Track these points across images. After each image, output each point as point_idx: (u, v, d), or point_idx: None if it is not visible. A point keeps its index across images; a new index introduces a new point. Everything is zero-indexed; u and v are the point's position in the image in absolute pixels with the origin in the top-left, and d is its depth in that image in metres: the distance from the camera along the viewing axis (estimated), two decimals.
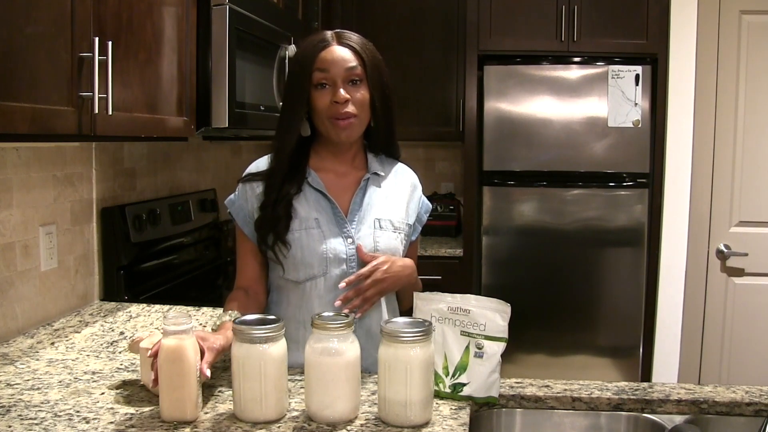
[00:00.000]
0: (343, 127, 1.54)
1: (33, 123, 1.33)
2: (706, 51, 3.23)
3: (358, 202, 1.60)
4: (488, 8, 3.32)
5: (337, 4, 3.66)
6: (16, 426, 1.24)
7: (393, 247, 1.59)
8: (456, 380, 1.39)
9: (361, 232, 1.57)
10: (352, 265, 1.55)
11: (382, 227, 1.59)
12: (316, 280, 1.55)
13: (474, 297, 1.40)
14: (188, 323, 1.25)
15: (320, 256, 1.54)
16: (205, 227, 2.88)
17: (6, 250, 1.82)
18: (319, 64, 1.52)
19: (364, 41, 1.57)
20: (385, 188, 1.65)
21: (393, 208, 1.63)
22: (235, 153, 3.42)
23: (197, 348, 1.27)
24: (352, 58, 1.53)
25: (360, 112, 1.54)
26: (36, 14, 1.35)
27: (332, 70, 1.52)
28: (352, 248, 1.56)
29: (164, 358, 1.24)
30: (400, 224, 1.62)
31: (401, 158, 1.72)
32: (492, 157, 3.35)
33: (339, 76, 1.52)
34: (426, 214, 1.74)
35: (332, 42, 1.54)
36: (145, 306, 2.19)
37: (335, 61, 1.52)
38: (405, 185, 1.69)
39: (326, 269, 1.54)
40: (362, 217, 1.59)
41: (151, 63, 1.83)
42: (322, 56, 1.52)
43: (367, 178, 1.62)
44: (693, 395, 1.47)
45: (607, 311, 3.37)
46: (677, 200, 3.28)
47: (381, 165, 1.66)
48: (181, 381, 1.24)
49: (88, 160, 2.20)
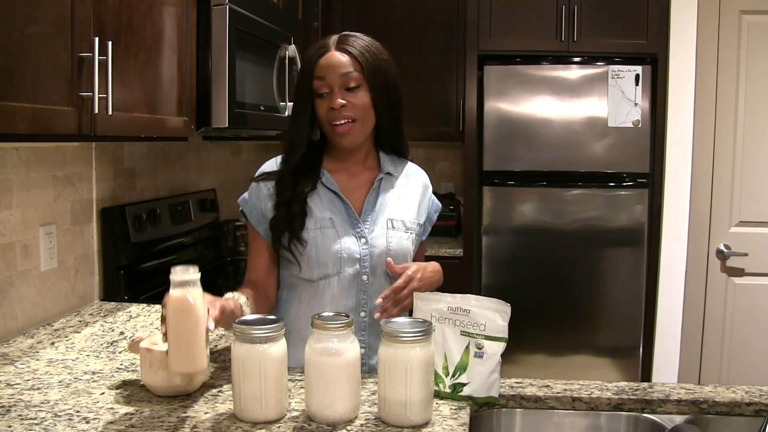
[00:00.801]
0: (340, 133, 1.54)
1: (33, 123, 1.33)
2: (706, 51, 3.23)
3: (371, 202, 1.62)
4: (488, 8, 3.32)
5: (337, 4, 3.66)
6: (16, 426, 1.24)
7: (405, 247, 1.61)
8: (456, 380, 1.39)
9: (374, 233, 1.59)
10: (365, 265, 1.58)
11: (394, 227, 1.61)
12: (329, 279, 1.57)
13: (474, 297, 1.40)
14: (196, 274, 1.25)
15: (334, 255, 1.56)
16: (205, 227, 2.88)
17: (6, 250, 1.81)
18: (317, 73, 1.53)
19: (367, 43, 1.56)
20: (398, 188, 1.66)
21: (405, 208, 1.65)
22: (235, 153, 3.42)
23: (204, 299, 1.27)
24: (348, 64, 1.53)
25: (360, 116, 1.54)
26: (36, 14, 1.35)
27: (328, 77, 1.53)
28: (365, 248, 1.58)
29: (173, 309, 1.23)
30: (411, 224, 1.64)
31: (411, 158, 1.74)
32: (492, 157, 3.35)
33: (335, 83, 1.52)
34: (436, 214, 1.76)
35: (331, 48, 1.54)
36: (145, 306, 2.18)
37: (330, 68, 1.52)
38: (417, 185, 1.71)
39: (340, 268, 1.57)
40: (375, 217, 1.61)
41: (151, 63, 1.83)
42: (320, 64, 1.53)
43: (380, 178, 1.64)
44: (693, 395, 1.47)
45: (607, 311, 3.37)
46: (677, 200, 3.28)
47: (393, 165, 1.67)
48: (189, 331, 1.22)
49: (88, 160, 2.20)
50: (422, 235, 1.72)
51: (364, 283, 1.59)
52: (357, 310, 1.58)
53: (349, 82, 1.53)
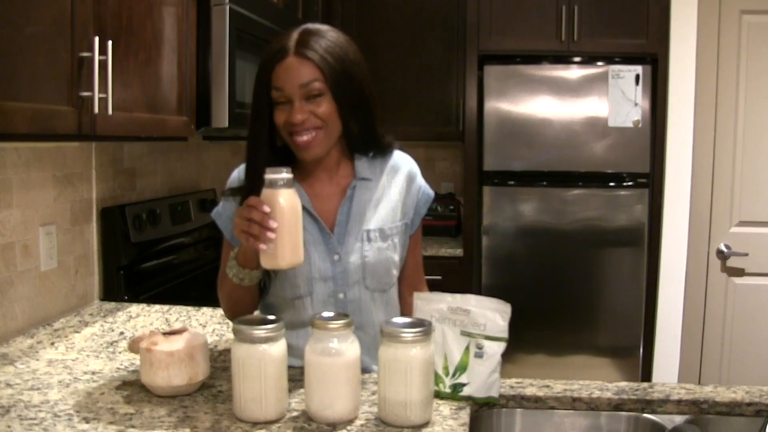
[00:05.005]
0: (301, 146, 1.41)
1: (33, 123, 1.33)
2: (706, 51, 3.23)
3: (344, 212, 1.50)
4: (488, 8, 3.32)
5: (338, 4, 3.66)
6: (16, 426, 1.24)
7: (383, 258, 1.51)
8: (456, 380, 1.39)
9: (347, 246, 1.49)
10: (339, 283, 1.49)
11: (370, 239, 1.50)
12: (303, 300, 1.50)
13: (474, 297, 1.40)
14: (290, 173, 1.29)
15: (305, 276, 1.47)
16: (205, 227, 2.88)
17: (6, 250, 1.81)
18: (274, 82, 1.39)
19: (330, 43, 1.40)
20: (377, 192, 1.53)
21: (384, 214, 1.53)
22: (235, 153, 3.41)
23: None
24: (308, 73, 1.37)
25: (325, 124, 1.40)
26: (36, 14, 1.35)
27: (286, 87, 1.38)
28: (339, 266, 1.48)
29: (286, 205, 1.27)
30: (392, 230, 1.53)
31: (398, 147, 1.60)
32: (492, 157, 3.35)
33: (295, 94, 1.38)
34: (425, 205, 1.60)
35: (290, 52, 1.38)
36: (145, 306, 2.19)
37: (289, 78, 1.37)
38: (399, 181, 1.56)
39: (312, 288, 1.48)
40: (349, 230, 1.49)
41: (151, 63, 1.83)
42: (277, 72, 1.38)
43: (353, 186, 1.51)
44: (693, 395, 1.47)
45: (607, 311, 3.37)
46: (677, 200, 3.27)
47: (371, 167, 1.54)
48: (297, 225, 1.29)
49: (88, 160, 2.20)
50: (411, 229, 1.59)
51: (341, 300, 1.49)
52: None
53: (310, 91, 1.38)
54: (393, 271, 1.55)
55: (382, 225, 1.52)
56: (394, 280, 1.58)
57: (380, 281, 1.52)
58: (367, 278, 1.50)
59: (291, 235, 1.28)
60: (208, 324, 1.98)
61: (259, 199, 1.27)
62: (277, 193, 1.27)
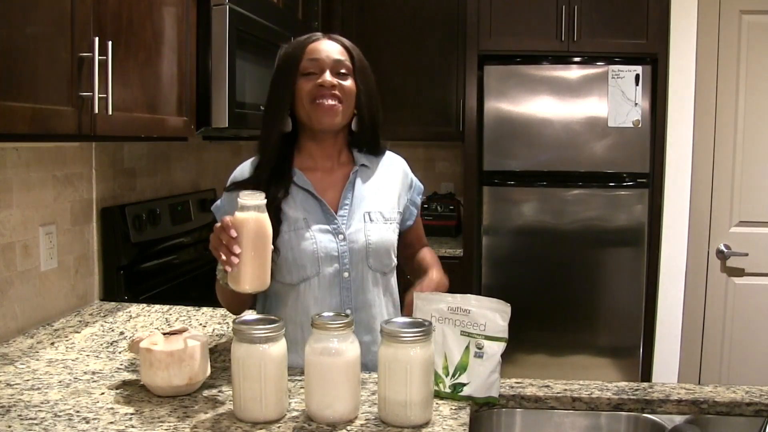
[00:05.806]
0: (325, 109, 1.53)
1: (33, 123, 1.33)
2: (706, 51, 3.23)
3: (348, 196, 1.60)
4: (488, 8, 3.31)
5: (338, 4, 3.66)
6: (16, 426, 1.24)
7: (386, 239, 1.60)
8: (456, 380, 1.39)
9: (352, 228, 1.57)
10: (345, 262, 1.56)
11: (372, 220, 1.59)
12: (309, 281, 1.55)
13: (474, 297, 1.40)
14: (264, 198, 1.32)
15: (311, 256, 1.54)
16: (205, 227, 2.88)
17: (6, 250, 1.82)
18: (308, 55, 1.55)
19: (353, 44, 1.61)
20: (375, 179, 1.65)
21: (384, 198, 1.63)
22: (235, 153, 3.42)
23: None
24: (342, 51, 1.57)
25: (345, 100, 1.55)
26: (36, 14, 1.35)
27: (321, 58, 1.54)
28: (344, 245, 1.56)
29: (252, 230, 1.29)
30: (391, 214, 1.63)
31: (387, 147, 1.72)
32: (492, 157, 3.35)
33: (327, 65, 1.54)
34: (419, 196, 1.75)
35: (322, 36, 1.58)
36: (145, 306, 2.19)
37: (325, 50, 1.55)
38: (396, 173, 1.70)
39: (319, 269, 1.54)
40: (352, 212, 1.59)
41: (151, 63, 1.83)
42: (312, 47, 1.56)
43: (355, 170, 1.62)
44: (693, 395, 1.47)
45: (607, 311, 3.37)
46: (677, 200, 3.27)
47: (368, 160, 1.66)
48: (264, 251, 1.32)
49: (88, 160, 2.20)
50: (409, 219, 1.71)
51: (346, 280, 1.56)
52: (342, 308, 1.55)
53: (340, 67, 1.55)
54: (392, 254, 1.63)
55: (382, 209, 1.62)
56: (393, 264, 1.65)
57: (381, 262, 1.60)
58: (370, 257, 1.58)
59: (256, 260, 1.31)
60: (208, 324, 1.98)
61: (228, 223, 1.30)
62: (247, 219, 1.30)
